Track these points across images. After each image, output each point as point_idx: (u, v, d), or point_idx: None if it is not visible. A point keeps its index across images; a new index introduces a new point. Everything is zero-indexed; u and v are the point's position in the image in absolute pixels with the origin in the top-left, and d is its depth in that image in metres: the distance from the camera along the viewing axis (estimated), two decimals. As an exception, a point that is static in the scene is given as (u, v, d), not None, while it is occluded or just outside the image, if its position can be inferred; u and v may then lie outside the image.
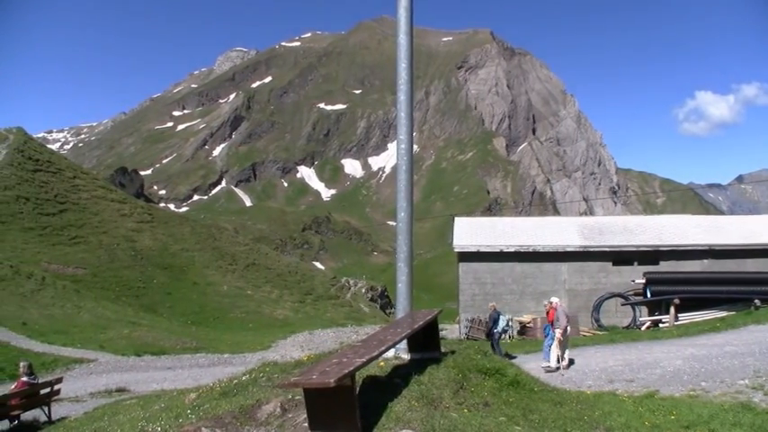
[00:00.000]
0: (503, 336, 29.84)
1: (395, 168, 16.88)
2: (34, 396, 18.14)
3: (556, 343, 21.37)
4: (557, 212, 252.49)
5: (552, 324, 22.24)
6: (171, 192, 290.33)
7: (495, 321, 27.92)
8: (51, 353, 29.97)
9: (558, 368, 20.55)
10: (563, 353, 21.41)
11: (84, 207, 73.86)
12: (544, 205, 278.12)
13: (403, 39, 12.87)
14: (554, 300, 23.11)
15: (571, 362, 21.49)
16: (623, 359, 21.78)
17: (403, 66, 12.83)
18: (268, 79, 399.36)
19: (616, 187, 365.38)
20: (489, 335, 27.99)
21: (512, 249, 40.55)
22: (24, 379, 18.06)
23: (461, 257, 41.41)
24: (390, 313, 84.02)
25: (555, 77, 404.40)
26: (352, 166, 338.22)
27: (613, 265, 40.48)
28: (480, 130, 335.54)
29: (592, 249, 40.37)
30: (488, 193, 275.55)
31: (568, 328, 22.19)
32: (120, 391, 23.24)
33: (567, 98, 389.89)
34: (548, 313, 24.20)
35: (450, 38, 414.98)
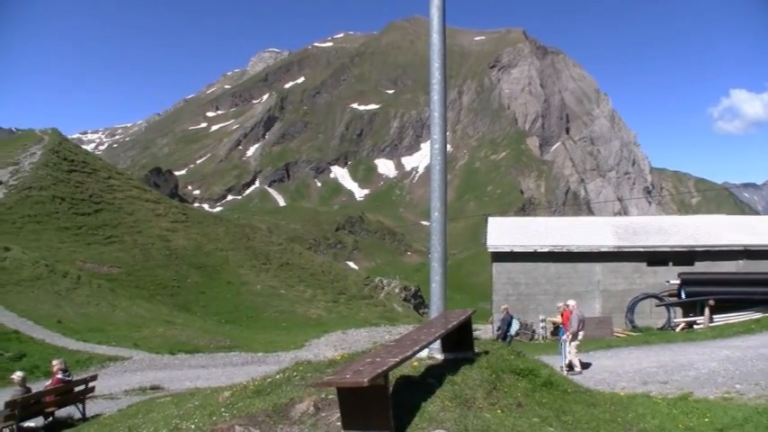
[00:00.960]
0: (514, 338, 29.75)
1: (428, 168, 16.81)
2: (69, 393, 18.21)
3: (574, 347, 21.11)
4: (591, 212, 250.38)
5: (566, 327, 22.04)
6: (205, 192, 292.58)
7: (509, 324, 27.76)
8: (86, 351, 30.18)
9: (580, 372, 20.30)
10: (565, 356, 21.18)
11: (119, 207, 74.51)
12: (578, 205, 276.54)
13: (436, 38, 12.71)
14: (570, 303, 22.83)
15: (586, 366, 21.23)
16: (657, 361, 21.51)
17: (436, 65, 12.69)
18: (301, 80, 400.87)
19: (650, 187, 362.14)
20: (503, 338, 27.85)
21: (545, 249, 40.16)
22: (59, 376, 18.16)
23: (495, 257, 41.10)
24: (424, 313, 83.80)
25: (588, 76, 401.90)
26: (385, 166, 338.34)
27: (648, 265, 39.92)
28: (513, 129, 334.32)
29: (626, 250, 39.86)
30: (522, 192, 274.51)
31: (581, 333, 21.87)
32: (154, 388, 23.35)
33: (601, 97, 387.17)
34: (562, 315, 23.94)
35: (483, 37, 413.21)
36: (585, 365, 21.15)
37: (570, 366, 20.76)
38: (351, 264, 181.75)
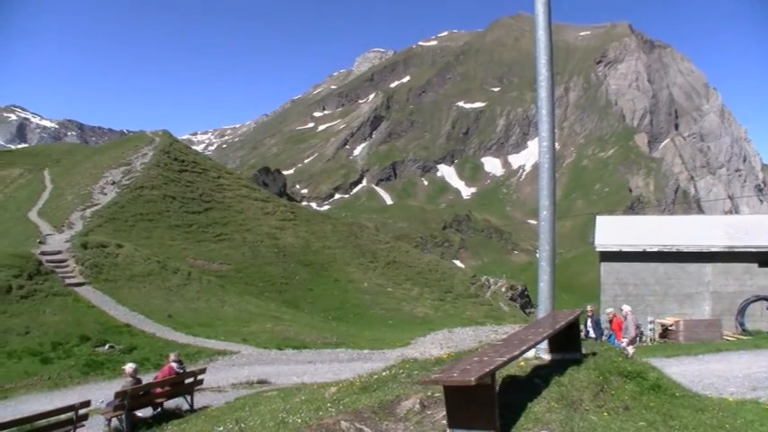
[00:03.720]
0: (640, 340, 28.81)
1: (535, 166, 16.41)
2: (179, 385, 18.55)
3: (633, 353, 20.15)
4: (700, 211, 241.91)
5: (619, 333, 21.11)
6: (313, 190, 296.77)
7: (597, 324, 26.80)
8: (195, 344, 30.72)
9: None
10: None
11: (229, 206, 76.01)
12: (688, 203, 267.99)
13: (542, 35, 12.52)
14: (625, 308, 21.92)
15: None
16: (768, 366, 20.44)
17: (542, 62, 12.49)
18: (406, 79, 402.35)
19: (762, 185, 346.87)
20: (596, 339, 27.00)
21: (654, 249, 38.85)
22: (173, 365, 18.49)
23: (603, 257, 40.12)
24: (530, 313, 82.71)
25: (697, 70, 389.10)
26: (492, 164, 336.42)
27: (759, 266, 38.06)
28: (621, 126, 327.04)
29: (737, 250, 38.10)
30: (630, 191, 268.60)
31: (637, 339, 20.92)
32: (262, 382, 23.57)
33: (710, 92, 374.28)
34: (611, 321, 22.94)
35: (588, 32, 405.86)
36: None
37: None
38: (457, 262, 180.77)
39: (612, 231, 42.09)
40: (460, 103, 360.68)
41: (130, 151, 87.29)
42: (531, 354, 10.97)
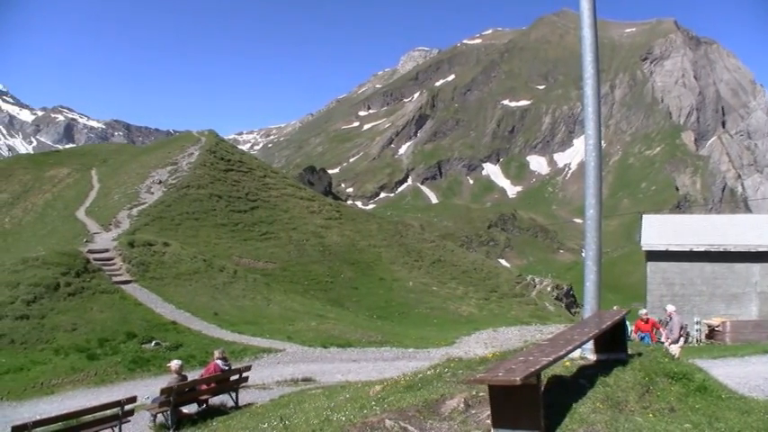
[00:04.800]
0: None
1: (581, 165, 16.14)
2: (224, 382, 18.66)
3: (679, 353, 19.66)
4: (748, 210, 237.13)
5: (655, 333, 20.61)
6: (358, 189, 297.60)
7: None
8: (241, 342, 30.87)
9: None
10: None
11: (275, 204, 76.32)
12: (735, 202, 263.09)
13: (587, 32, 12.43)
14: (669, 308, 21.43)
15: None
16: (814, 368, 20.02)
17: (588, 59, 12.39)
18: (451, 77, 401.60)
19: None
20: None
21: (702, 249, 38.31)
22: (219, 362, 18.58)
23: (649, 256, 39.72)
24: (576, 313, 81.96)
25: (743, 67, 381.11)
26: (537, 163, 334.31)
27: (808, 266, 37.44)
28: (668, 123, 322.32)
29: (786, 250, 37.49)
30: (677, 189, 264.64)
31: (681, 340, 20.43)
32: (306, 380, 23.63)
33: (757, 89, 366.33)
34: (646, 321, 22.43)
35: (633, 29, 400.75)
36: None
37: None
38: (503, 261, 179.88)
39: (659, 230, 41.71)
40: (505, 102, 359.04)
41: (177, 151, 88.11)
42: (576, 354, 10.89)
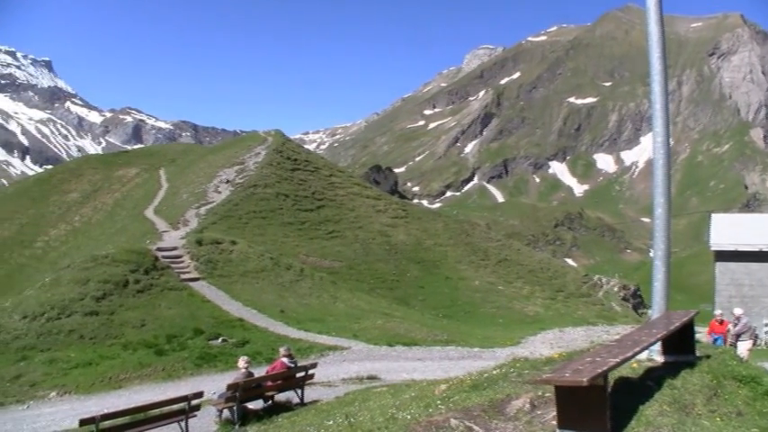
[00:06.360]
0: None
1: (648, 163, 15.77)
2: (290, 379, 18.74)
3: (748, 355, 19.03)
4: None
5: (728, 337, 19.96)
6: (424, 188, 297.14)
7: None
8: (307, 339, 31.00)
9: None
10: None
11: (341, 203, 76.75)
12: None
13: (654, 27, 12.24)
14: (737, 311, 20.81)
15: None
16: None
17: (656, 55, 12.21)
18: (516, 75, 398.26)
19: None
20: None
21: (772, 249, 37.26)
22: (284, 360, 18.66)
23: (718, 257, 38.78)
24: (643, 313, 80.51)
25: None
26: (604, 161, 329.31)
27: None
28: (736, 120, 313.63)
29: None
30: (746, 188, 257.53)
31: (749, 342, 19.77)
32: (371, 378, 23.59)
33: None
34: (721, 323, 21.80)
35: (700, 23, 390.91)
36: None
37: None
38: (569, 261, 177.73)
39: (728, 230, 40.69)
40: (571, 99, 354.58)
41: (244, 151, 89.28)
42: (643, 355, 10.78)
